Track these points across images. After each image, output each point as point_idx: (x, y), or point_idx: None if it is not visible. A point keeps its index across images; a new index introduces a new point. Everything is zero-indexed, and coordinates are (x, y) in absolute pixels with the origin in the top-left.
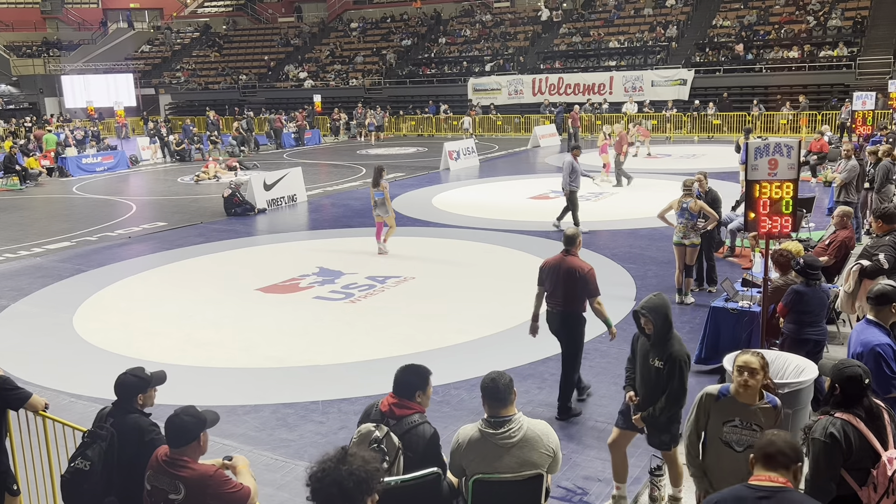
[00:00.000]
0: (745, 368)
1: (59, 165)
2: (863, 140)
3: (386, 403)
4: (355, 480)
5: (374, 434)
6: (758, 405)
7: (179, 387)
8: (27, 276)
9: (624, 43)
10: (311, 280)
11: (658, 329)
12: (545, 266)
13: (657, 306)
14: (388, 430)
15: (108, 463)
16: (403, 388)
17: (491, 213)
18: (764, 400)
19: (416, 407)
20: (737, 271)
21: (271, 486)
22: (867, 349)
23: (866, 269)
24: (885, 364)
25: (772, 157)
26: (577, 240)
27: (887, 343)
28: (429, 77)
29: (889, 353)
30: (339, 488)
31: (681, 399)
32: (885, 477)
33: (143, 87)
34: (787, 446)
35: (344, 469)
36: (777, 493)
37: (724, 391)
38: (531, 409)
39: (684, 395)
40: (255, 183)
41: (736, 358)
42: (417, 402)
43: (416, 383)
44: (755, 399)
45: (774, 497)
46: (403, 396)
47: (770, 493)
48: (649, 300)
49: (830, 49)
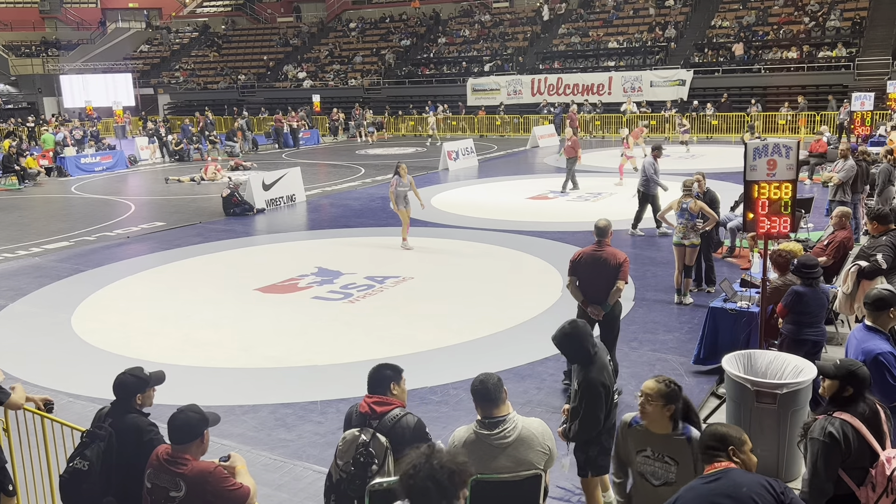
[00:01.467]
0: (643, 392)
1: (58, 165)
2: (861, 140)
3: (365, 404)
4: (448, 473)
5: (360, 439)
6: (671, 435)
7: (178, 387)
8: (25, 276)
9: (623, 43)
10: (310, 280)
11: (571, 358)
12: (579, 257)
13: (561, 339)
14: (373, 431)
15: (107, 463)
16: (378, 384)
17: (490, 213)
18: (678, 431)
19: (396, 402)
20: (735, 272)
21: (270, 487)
22: (869, 358)
23: (864, 270)
24: (888, 373)
25: (770, 158)
26: (610, 230)
27: (889, 351)
28: (428, 77)
29: (891, 360)
30: (434, 482)
31: (587, 426)
32: (883, 476)
33: (141, 86)
34: (713, 437)
35: (435, 463)
36: (723, 475)
37: (636, 419)
38: (530, 409)
39: (592, 424)
40: (254, 183)
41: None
42: (394, 394)
43: (390, 375)
44: (666, 428)
45: (723, 478)
46: (380, 392)
47: (717, 476)
48: (558, 331)
49: (829, 50)
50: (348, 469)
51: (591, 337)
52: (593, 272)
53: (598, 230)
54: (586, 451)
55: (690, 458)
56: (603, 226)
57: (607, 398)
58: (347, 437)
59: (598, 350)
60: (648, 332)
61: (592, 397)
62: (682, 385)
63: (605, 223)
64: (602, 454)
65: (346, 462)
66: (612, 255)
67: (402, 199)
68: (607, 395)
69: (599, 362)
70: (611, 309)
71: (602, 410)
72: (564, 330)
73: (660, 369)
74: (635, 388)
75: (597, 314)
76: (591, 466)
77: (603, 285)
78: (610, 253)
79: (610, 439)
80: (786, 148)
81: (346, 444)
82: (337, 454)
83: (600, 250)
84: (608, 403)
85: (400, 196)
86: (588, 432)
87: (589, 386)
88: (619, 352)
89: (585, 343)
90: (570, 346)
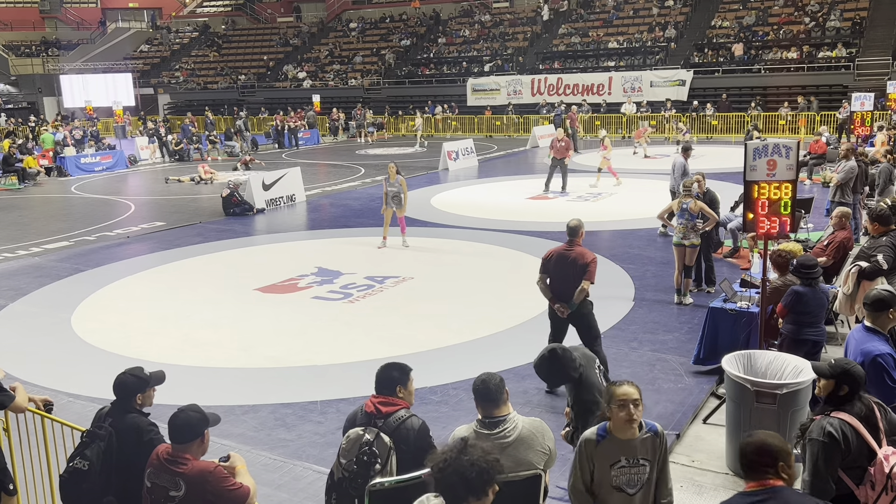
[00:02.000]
0: (627, 401)
1: (58, 165)
2: (861, 141)
3: (371, 404)
4: (477, 471)
5: (364, 437)
6: (639, 436)
7: (178, 387)
8: (25, 276)
9: (623, 43)
10: (310, 280)
11: (554, 384)
12: (549, 256)
13: (539, 367)
14: (377, 431)
15: (107, 463)
16: (385, 384)
17: (490, 213)
18: (644, 430)
19: (401, 403)
20: (735, 272)
21: (269, 486)
22: (868, 359)
23: (865, 270)
24: (886, 375)
25: (770, 158)
26: (581, 230)
27: (888, 352)
28: (428, 77)
29: (890, 362)
30: (462, 478)
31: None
32: (882, 474)
33: (141, 86)
34: (762, 450)
35: (465, 459)
36: (773, 495)
37: (601, 432)
38: (530, 409)
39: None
40: (254, 183)
41: (613, 392)
42: (400, 397)
43: (396, 377)
44: (634, 432)
45: (772, 499)
46: (387, 393)
47: (765, 497)
48: (538, 358)
49: (829, 50)
50: (351, 468)
51: (573, 361)
52: (562, 271)
53: (568, 230)
54: None
55: (658, 452)
56: (574, 225)
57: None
58: (351, 435)
59: (584, 370)
60: (648, 332)
61: (587, 417)
62: (683, 385)
63: (576, 223)
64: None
65: (349, 461)
66: (581, 254)
67: (390, 199)
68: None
69: (587, 382)
70: (577, 307)
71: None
72: (543, 357)
73: (660, 369)
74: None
75: (563, 311)
76: None
77: (570, 284)
78: (578, 253)
79: None
80: (786, 148)
81: (350, 442)
82: (340, 452)
83: (570, 250)
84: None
85: (388, 196)
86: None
87: (582, 409)
88: (619, 352)
89: (567, 369)
90: (552, 374)
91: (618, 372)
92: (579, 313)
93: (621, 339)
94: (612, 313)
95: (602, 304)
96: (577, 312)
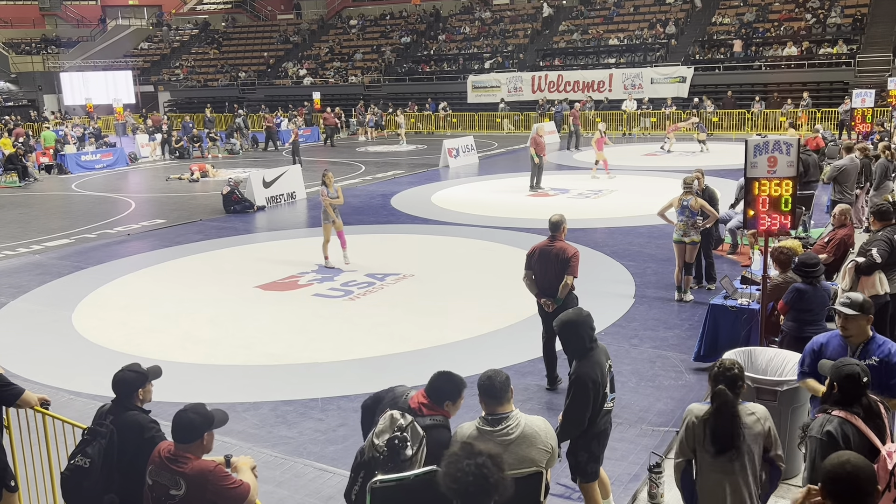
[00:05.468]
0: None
1: (58, 162)
2: (861, 137)
3: (416, 401)
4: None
5: (398, 422)
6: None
7: (178, 384)
8: (26, 274)
9: (623, 40)
10: (311, 277)
11: (566, 344)
12: (533, 252)
13: (562, 324)
14: (412, 419)
15: (108, 460)
16: (435, 393)
17: (490, 210)
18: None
19: (443, 412)
20: (736, 269)
21: (271, 483)
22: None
23: (860, 265)
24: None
25: (771, 155)
26: (563, 226)
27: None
28: (428, 74)
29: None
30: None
31: (570, 425)
32: (885, 471)
33: (142, 84)
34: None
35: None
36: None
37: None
38: (531, 406)
39: (576, 422)
40: (255, 180)
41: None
42: (445, 409)
43: (448, 392)
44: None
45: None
46: (434, 401)
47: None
48: (561, 316)
49: (830, 46)
50: (382, 450)
51: (592, 330)
52: (545, 266)
53: (550, 225)
54: (576, 455)
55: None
56: (555, 221)
57: (596, 396)
58: (388, 417)
59: (597, 347)
60: (649, 329)
61: (579, 392)
62: (683, 382)
63: (558, 218)
64: (591, 461)
65: (382, 441)
66: (562, 249)
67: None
68: (596, 392)
69: (594, 358)
70: (563, 302)
71: (588, 409)
72: (568, 315)
73: (660, 366)
74: (636, 384)
75: (549, 306)
76: (580, 473)
77: (553, 279)
78: (560, 248)
79: (599, 446)
80: (786, 145)
81: (386, 422)
82: (374, 433)
83: (552, 245)
84: (596, 402)
85: (334, 209)
86: (570, 432)
87: (577, 379)
88: (620, 349)
89: (581, 332)
90: (567, 332)
91: (619, 368)
92: (565, 307)
93: (622, 335)
94: (612, 310)
95: (602, 300)
96: (564, 307)
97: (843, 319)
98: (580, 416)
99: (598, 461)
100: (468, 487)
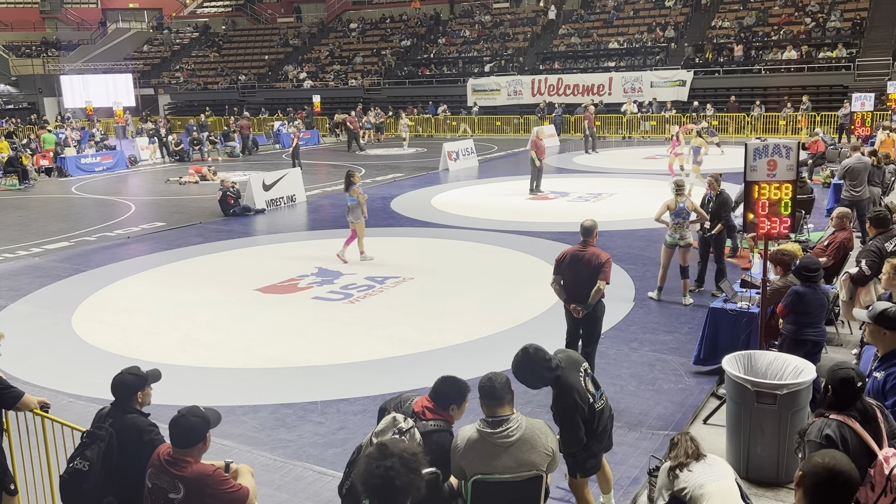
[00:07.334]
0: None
1: (58, 165)
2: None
3: (420, 405)
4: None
5: (399, 424)
6: None
7: (178, 387)
8: (26, 276)
9: (623, 44)
10: (310, 280)
11: (530, 386)
12: (563, 257)
13: (516, 372)
14: (413, 424)
15: (108, 463)
16: (440, 398)
17: (490, 213)
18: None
19: (447, 417)
20: (736, 272)
21: (270, 487)
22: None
23: (854, 277)
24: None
25: (770, 159)
26: (595, 231)
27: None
28: (428, 78)
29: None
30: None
31: (571, 445)
32: (882, 475)
33: (142, 87)
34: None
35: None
36: None
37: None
38: (531, 409)
39: (574, 443)
40: (255, 183)
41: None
42: (450, 413)
43: (452, 397)
44: None
45: None
46: (439, 405)
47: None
48: (512, 365)
49: (829, 50)
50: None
51: (546, 361)
52: (576, 272)
53: (583, 230)
54: (573, 454)
55: None
56: (588, 226)
57: (582, 413)
58: (388, 419)
59: (562, 371)
60: (649, 333)
61: (565, 419)
62: (683, 385)
63: (591, 223)
64: (589, 457)
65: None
66: (595, 255)
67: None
68: (581, 409)
69: (564, 384)
70: (592, 308)
71: (580, 428)
72: (516, 357)
73: (660, 370)
74: (635, 387)
75: (579, 312)
76: (579, 469)
77: (585, 285)
78: (592, 253)
79: (598, 443)
80: (786, 148)
81: (386, 424)
82: (374, 432)
83: (584, 250)
84: (586, 418)
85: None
86: (573, 450)
87: (558, 411)
88: (620, 353)
89: (540, 370)
90: (525, 374)
91: (618, 372)
92: (593, 315)
93: (622, 339)
94: (612, 314)
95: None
96: (592, 314)
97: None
98: (576, 437)
99: (596, 457)
100: (376, 489)
